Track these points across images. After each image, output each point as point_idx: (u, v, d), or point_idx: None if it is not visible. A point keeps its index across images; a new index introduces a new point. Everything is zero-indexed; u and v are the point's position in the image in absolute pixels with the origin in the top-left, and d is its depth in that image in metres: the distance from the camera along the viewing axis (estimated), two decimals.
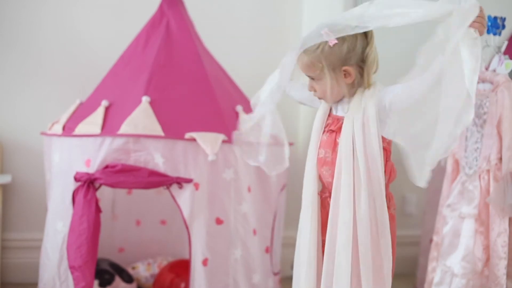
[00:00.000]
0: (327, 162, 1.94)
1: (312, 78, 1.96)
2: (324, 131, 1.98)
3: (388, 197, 1.94)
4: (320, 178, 1.97)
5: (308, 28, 3.49)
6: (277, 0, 3.49)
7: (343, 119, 1.92)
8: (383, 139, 1.88)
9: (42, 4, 3.24)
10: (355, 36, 1.91)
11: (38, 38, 3.24)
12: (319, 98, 1.98)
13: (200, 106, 2.60)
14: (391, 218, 1.92)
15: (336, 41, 1.87)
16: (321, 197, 1.96)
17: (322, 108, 2.02)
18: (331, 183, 1.90)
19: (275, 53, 3.50)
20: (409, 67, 3.54)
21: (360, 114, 1.87)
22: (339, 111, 1.97)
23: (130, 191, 3.11)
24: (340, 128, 1.92)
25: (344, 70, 1.90)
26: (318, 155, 1.97)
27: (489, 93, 2.40)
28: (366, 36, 1.95)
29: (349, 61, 1.90)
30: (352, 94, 1.94)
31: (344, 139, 1.88)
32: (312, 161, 1.98)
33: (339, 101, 1.97)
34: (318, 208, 1.95)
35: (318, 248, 1.94)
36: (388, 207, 1.91)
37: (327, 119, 1.99)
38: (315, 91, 1.96)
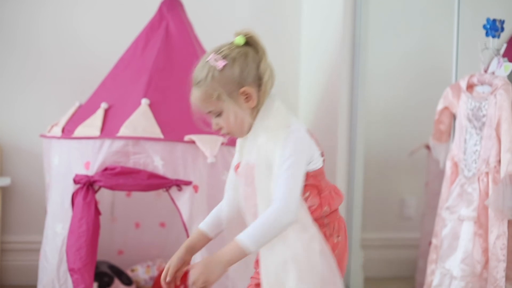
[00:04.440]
0: None
1: (213, 114, 1.80)
2: None
3: (332, 224, 1.81)
4: None
5: (307, 29, 3.49)
6: (276, 2, 3.49)
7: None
8: (308, 176, 1.76)
9: (41, 6, 3.24)
10: (245, 53, 1.78)
11: (38, 40, 3.24)
12: (228, 135, 1.82)
13: None
14: (334, 246, 1.78)
15: (224, 63, 1.75)
16: None
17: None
18: None
19: (274, 55, 3.49)
20: (410, 67, 3.58)
21: (258, 158, 1.72)
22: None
23: (130, 194, 3.11)
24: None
25: (242, 93, 1.75)
26: None
27: (488, 95, 2.40)
28: (257, 51, 1.81)
29: (245, 81, 1.75)
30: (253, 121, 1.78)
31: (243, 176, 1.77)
32: None
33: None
34: None
35: None
36: (331, 235, 1.79)
37: None
38: (221, 128, 1.80)
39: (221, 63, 1.75)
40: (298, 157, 1.70)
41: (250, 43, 1.81)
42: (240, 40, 1.81)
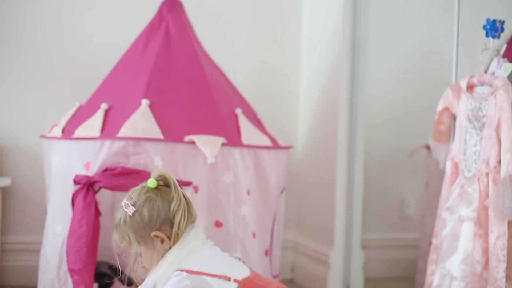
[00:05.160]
0: None
1: (134, 255, 1.86)
2: None
3: None
4: None
5: (307, 30, 3.50)
6: (276, 2, 3.49)
7: None
8: None
9: (41, 6, 3.24)
10: (154, 197, 1.82)
11: (38, 41, 3.24)
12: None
13: (199, 109, 2.60)
14: None
15: (134, 209, 1.80)
16: None
17: None
18: None
19: (274, 55, 3.51)
20: (410, 68, 3.59)
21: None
22: None
23: None
24: None
25: (155, 236, 1.81)
26: None
27: (488, 96, 2.40)
28: (169, 192, 1.84)
29: (155, 225, 1.81)
30: None
31: None
32: None
33: None
34: None
35: None
36: None
37: None
38: (144, 267, 1.87)
39: (131, 210, 1.81)
40: None
41: (163, 182, 1.86)
42: (152, 183, 1.84)
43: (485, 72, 2.45)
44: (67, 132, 2.59)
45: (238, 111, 2.70)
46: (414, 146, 3.31)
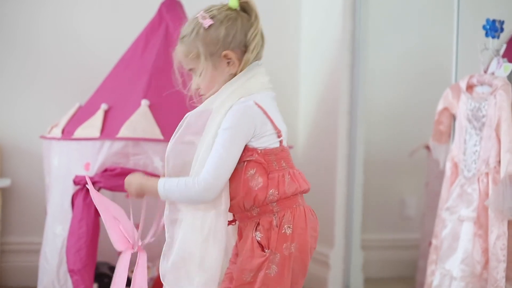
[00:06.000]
0: None
1: (193, 73, 1.78)
2: None
3: (283, 213, 1.70)
4: None
5: (307, 30, 3.49)
6: (276, 2, 3.49)
7: None
8: (255, 152, 1.71)
9: (41, 6, 3.24)
10: (235, 17, 1.73)
11: (38, 41, 3.24)
12: (204, 95, 1.78)
13: None
14: (283, 238, 1.69)
15: (211, 22, 1.71)
16: None
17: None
18: None
19: (274, 54, 3.50)
20: (409, 68, 3.58)
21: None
22: None
23: (129, 195, 3.10)
24: None
25: (225, 56, 1.71)
26: None
27: (487, 96, 2.40)
28: (250, 17, 1.76)
29: (229, 45, 1.71)
30: None
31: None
32: None
33: None
34: None
35: None
36: (279, 225, 1.69)
37: None
38: (199, 88, 1.78)
39: (207, 22, 1.72)
40: (237, 131, 1.69)
41: (244, 8, 1.77)
42: (233, 3, 1.76)
43: (485, 72, 2.45)
44: (67, 133, 2.59)
45: None
46: (414, 146, 3.31)
